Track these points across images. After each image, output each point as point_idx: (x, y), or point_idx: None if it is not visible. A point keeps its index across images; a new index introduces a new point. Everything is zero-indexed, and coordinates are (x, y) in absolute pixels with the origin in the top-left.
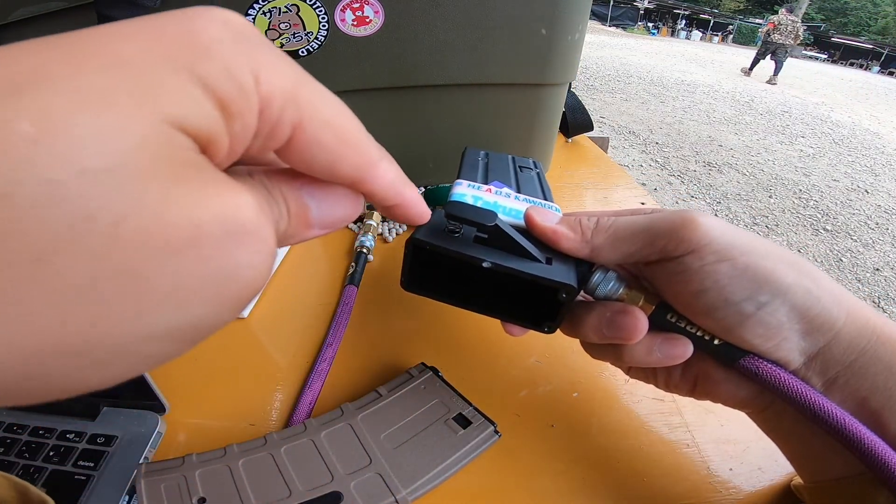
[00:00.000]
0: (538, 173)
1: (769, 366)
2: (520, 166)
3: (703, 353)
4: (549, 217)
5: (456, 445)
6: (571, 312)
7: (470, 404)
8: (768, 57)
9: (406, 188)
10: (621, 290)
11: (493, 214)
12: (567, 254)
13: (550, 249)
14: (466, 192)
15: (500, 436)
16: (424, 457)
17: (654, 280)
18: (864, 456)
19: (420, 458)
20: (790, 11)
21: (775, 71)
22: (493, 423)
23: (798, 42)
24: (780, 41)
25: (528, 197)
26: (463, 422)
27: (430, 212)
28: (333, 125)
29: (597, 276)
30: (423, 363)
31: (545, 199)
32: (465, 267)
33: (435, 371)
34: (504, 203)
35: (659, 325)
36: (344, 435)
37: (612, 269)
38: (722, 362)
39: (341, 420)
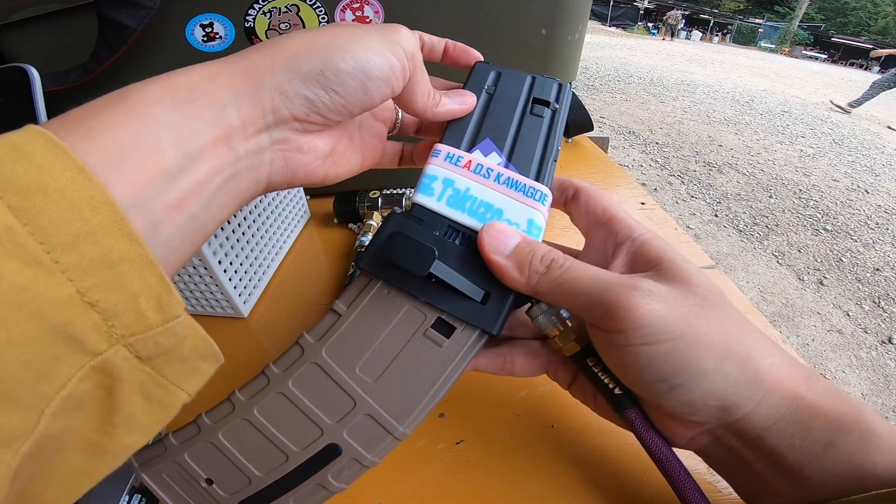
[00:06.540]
0: (553, 114)
1: (644, 424)
2: (534, 101)
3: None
4: (501, 245)
5: (444, 360)
6: (510, 322)
7: None
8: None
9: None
10: (556, 326)
11: (430, 258)
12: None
13: (494, 279)
14: (440, 171)
15: (491, 334)
16: (412, 382)
17: (589, 330)
18: None
19: (407, 384)
20: (675, 8)
21: (672, 36)
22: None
23: (679, 23)
24: (672, 22)
25: (512, 176)
26: (445, 329)
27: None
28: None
29: (538, 307)
30: None
31: (538, 172)
32: None
33: None
34: (477, 192)
35: (579, 364)
36: (313, 378)
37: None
38: (613, 409)
39: (304, 360)
